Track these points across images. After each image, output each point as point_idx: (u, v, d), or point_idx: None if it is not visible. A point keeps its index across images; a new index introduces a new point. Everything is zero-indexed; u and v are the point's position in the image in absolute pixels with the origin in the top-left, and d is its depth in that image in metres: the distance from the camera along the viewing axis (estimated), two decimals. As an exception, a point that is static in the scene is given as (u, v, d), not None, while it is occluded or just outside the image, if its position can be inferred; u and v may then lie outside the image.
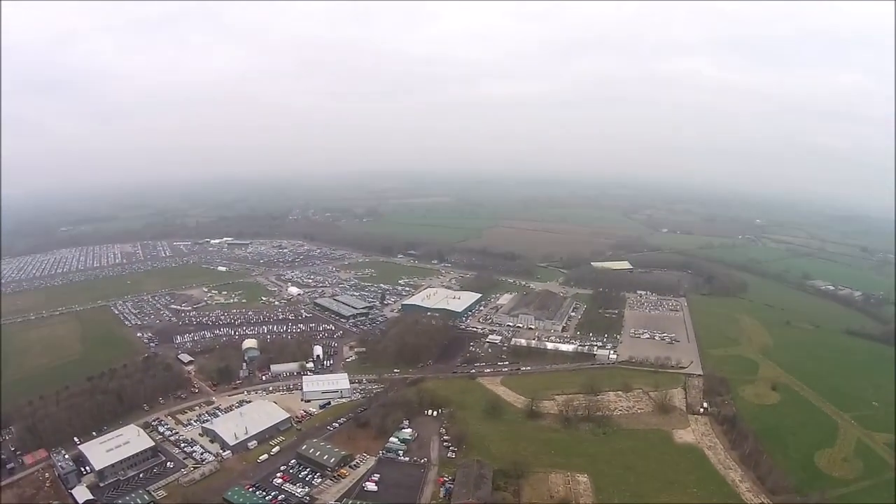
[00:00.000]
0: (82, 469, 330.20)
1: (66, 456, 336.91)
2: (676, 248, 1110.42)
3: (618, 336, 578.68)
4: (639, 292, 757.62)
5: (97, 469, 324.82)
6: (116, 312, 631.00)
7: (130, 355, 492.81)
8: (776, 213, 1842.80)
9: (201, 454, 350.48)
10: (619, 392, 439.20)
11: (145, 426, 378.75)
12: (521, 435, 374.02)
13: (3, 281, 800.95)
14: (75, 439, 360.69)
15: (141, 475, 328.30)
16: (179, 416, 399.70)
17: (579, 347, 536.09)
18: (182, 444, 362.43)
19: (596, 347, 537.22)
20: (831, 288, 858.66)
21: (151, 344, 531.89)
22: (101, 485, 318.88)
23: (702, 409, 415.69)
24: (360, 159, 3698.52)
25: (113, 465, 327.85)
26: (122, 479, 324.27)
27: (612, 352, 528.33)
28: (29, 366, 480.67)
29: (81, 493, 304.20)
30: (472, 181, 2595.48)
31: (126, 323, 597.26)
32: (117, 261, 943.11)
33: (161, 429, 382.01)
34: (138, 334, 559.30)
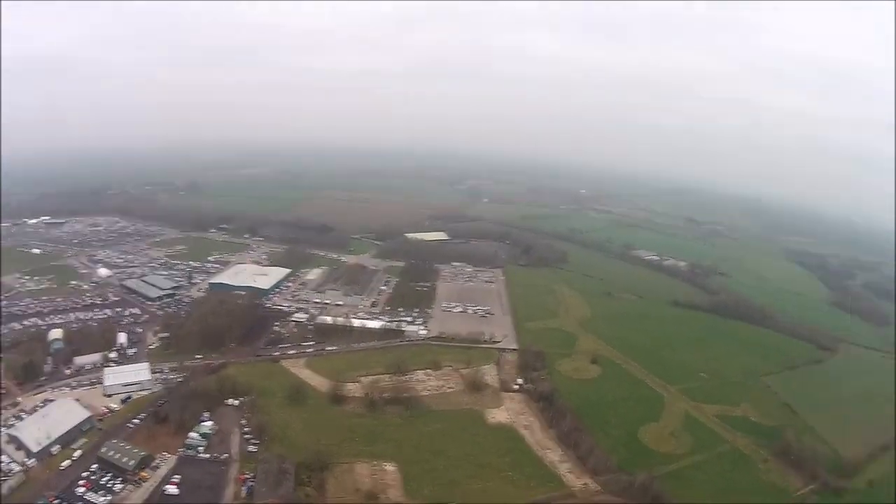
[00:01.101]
0: None
1: None
2: (496, 219, 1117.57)
3: (429, 310, 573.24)
4: (453, 264, 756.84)
5: None
6: None
7: None
8: (603, 186, 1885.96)
9: (8, 464, 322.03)
10: (428, 370, 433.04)
11: None
12: (324, 422, 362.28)
13: None
14: None
15: None
16: None
17: (388, 324, 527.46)
18: None
19: (405, 323, 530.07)
20: (656, 258, 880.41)
21: None
22: None
23: (516, 387, 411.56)
24: (190, 131, 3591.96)
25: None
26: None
27: (421, 327, 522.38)
28: None
29: None
30: (299, 153, 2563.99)
31: None
32: None
33: None
34: None
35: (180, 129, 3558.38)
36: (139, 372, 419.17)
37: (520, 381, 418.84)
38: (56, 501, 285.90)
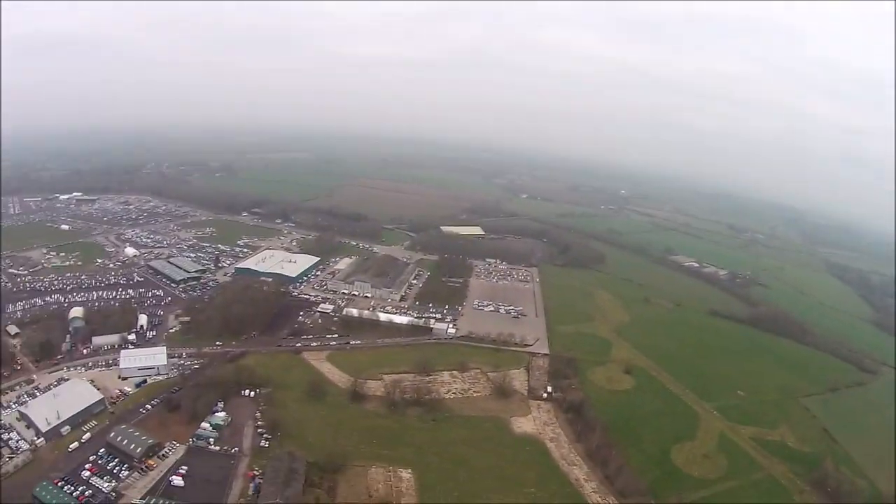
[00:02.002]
0: None
1: None
2: (534, 216, 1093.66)
3: (460, 308, 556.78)
4: (488, 260, 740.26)
5: None
6: None
7: None
8: (643, 186, 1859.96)
9: (17, 441, 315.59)
10: (455, 372, 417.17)
11: None
12: (342, 421, 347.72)
13: None
14: None
15: None
16: (0, 398, 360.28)
17: (416, 320, 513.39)
18: (0, 431, 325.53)
19: (434, 320, 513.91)
20: (695, 264, 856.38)
21: None
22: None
23: (545, 394, 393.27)
24: (228, 114, 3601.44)
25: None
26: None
27: (451, 325, 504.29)
28: None
29: None
30: (336, 138, 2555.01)
31: None
32: None
33: None
34: None
35: (218, 112, 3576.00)
36: (156, 356, 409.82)
37: (549, 388, 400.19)
38: (60, 483, 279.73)
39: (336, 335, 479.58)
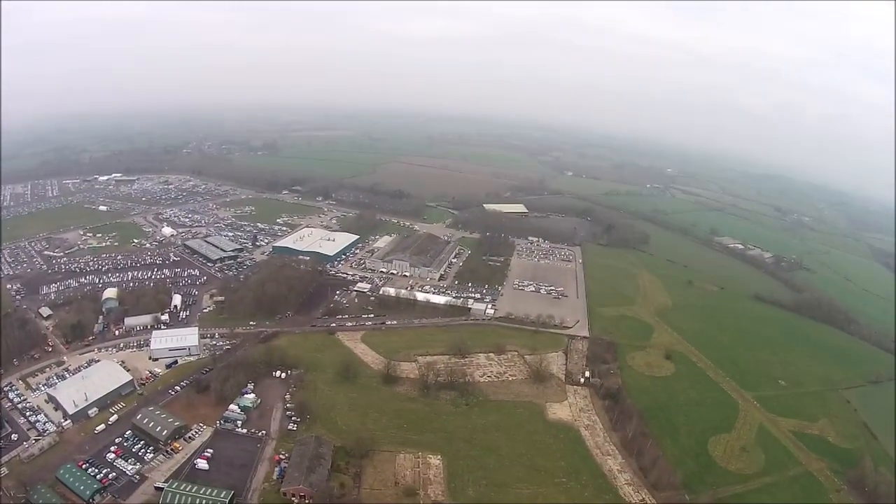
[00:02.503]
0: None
1: None
2: (579, 194, 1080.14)
3: (499, 288, 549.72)
4: (530, 239, 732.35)
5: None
6: None
7: None
8: (689, 165, 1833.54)
9: (45, 424, 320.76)
10: (491, 354, 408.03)
11: None
12: (372, 404, 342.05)
13: None
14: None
15: None
16: (30, 380, 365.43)
17: (453, 300, 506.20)
18: (28, 413, 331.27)
19: (472, 300, 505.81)
20: (740, 246, 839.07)
21: (18, 296, 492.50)
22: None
23: (583, 379, 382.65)
24: (274, 93, 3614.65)
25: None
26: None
27: (489, 306, 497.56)
28: None
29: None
30: (382, 115, 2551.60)
31: None
32: (4, 204, 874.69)
33: (11, 395, 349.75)
34: (7, 286, 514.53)
35: (263, 91, 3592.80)
36: (187, 337, 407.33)
37: (587, 373, 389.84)
38: (85, 465, 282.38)
39: (372, 315, 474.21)
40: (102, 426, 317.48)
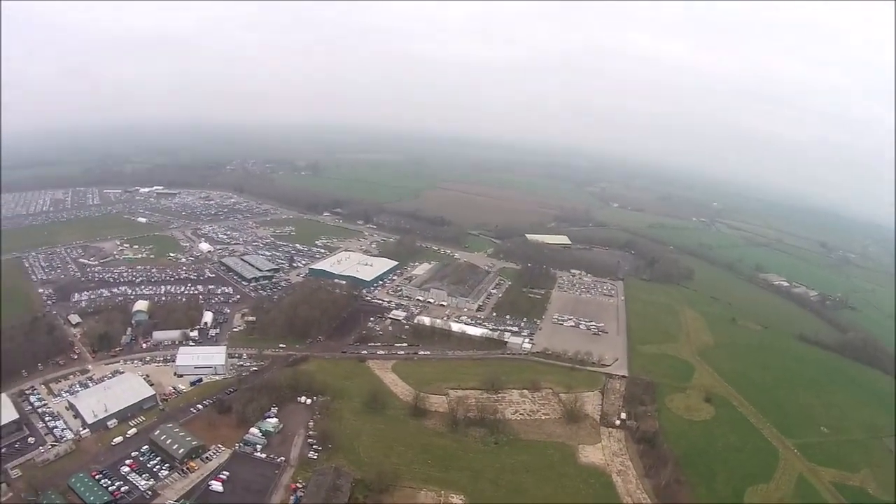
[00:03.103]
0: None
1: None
2: (623, 226, 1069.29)
3: (538, 321, 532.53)
4: (572, 271, 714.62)
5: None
6: (27, 266, 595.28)
7: (27, 313, 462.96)
8: (735, 198, 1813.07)
9: (62, 430, 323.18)
10: (525, 391, 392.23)
11: (19, 395, 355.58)
12: (398, 436, 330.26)
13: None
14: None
15: (4, 449, 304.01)
16: (53, 386, 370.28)
17: (490, 332, 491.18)
18: (48, 418, 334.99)
19: (509, 333, 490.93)
20: (785, 284, 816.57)
21: (49, 302, 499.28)
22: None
23: (618, 421, 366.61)
24: (319, 112, 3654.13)
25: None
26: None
27: (527, 340, 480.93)
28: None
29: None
30: (427, 140, 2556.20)
31: (32, 278, 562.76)
32: (44, 209, 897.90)
33: (32, 399, 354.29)
34: (40, 290, 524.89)
35: (309, 111, 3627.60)
36: (214, 355, 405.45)
37: (623, 415, 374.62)
38: (98, 476, 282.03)
39: (405, 344, 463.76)
40: (120, 438, 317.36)
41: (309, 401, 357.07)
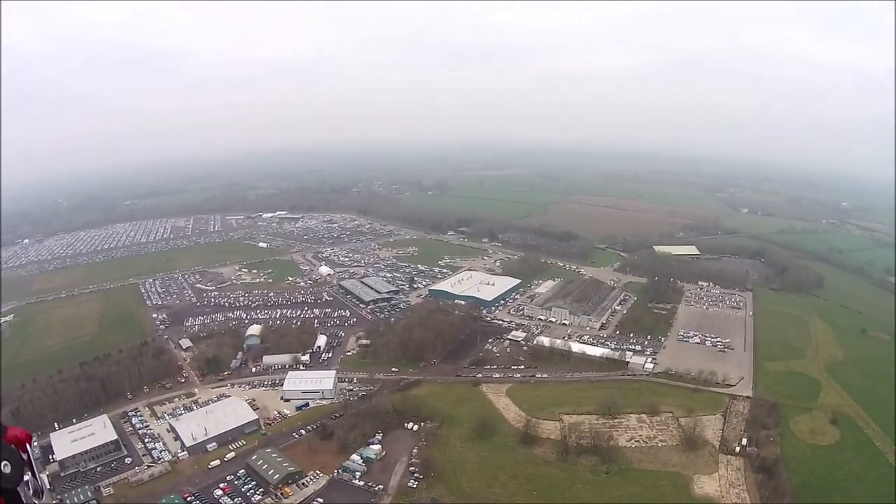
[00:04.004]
0: (50, 458, 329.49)
1: (36, 444, 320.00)
2: (753, 232, 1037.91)
3: (662, 339, 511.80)
4: (700, 284, 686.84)
5: (59, 459, 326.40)
6: (143, 291, 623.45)
7: (140, 337, 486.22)
8: (864, 197, 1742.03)
9: (160, 452, 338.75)
10: (643, 416, 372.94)
11: (122, 416, 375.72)
12: (505, 465, 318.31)
13: (50, 257, 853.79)
14: (56, 425, 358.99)
15: (100, 468, 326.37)
16: (157, 408, 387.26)
17: (611, 352, 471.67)
18: (147, 440, 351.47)
19: (631, 353, 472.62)
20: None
21: (162, 326, 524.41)
22: (62, 475, 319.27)
23: (738, 448, 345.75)
24: (449, 131, 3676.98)
25: (74, 456, 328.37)
26: (81, 470, 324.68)
27: (649, 359, 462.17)
28: (41, 346, 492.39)
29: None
30: (554, 154, 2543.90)
31: (148, 303, 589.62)
32: (165, 235, 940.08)
33: (134, 420, 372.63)
34: (153, 315, 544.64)
35: (435, 130, 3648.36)
36: (323, 380, 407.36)
37: (744, 440, 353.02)
38: (190, 497, 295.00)
39: (522, 366, 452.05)
40: (217, 462, 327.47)
41: (416, 427, 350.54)
